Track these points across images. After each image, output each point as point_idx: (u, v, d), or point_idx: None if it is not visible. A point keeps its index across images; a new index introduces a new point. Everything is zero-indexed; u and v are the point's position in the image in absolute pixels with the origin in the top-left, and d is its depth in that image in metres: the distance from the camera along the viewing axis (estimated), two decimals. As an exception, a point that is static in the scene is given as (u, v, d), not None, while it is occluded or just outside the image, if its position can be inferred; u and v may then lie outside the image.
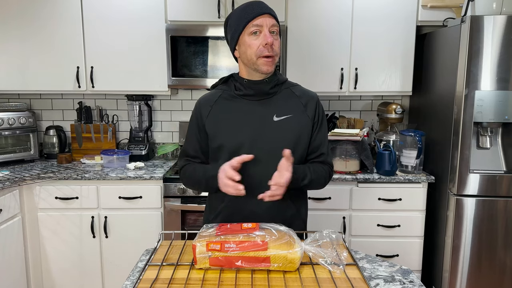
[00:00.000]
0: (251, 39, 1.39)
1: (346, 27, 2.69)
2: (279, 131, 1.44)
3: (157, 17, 2.68)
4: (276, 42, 1.41)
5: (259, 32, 1.38)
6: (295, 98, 1.50)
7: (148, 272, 1.19)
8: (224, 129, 1.46)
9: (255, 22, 1.38)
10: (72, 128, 2.97)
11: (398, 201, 2.55)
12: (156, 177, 2.52)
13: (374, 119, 3.12)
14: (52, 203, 2.55)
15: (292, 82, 1.56)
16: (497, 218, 2.34)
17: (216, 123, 1.47)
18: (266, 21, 1.38)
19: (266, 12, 1.38)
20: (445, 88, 2.47)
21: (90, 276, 2.64)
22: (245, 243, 1.16)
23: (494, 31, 2.20)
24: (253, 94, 1.46)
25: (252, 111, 1.46)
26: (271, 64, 1.41)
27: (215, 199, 1.53)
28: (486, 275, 2.39)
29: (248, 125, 1.44)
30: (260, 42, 1.38)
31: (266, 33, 1.37)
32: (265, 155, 1.41)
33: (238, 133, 1.44)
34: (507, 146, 2.39)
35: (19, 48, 2.71)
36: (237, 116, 1.46)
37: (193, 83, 2.68)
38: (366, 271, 1.25)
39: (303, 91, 1.54)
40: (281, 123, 1.45)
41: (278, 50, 1.42)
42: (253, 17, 1.38)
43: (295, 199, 1.51)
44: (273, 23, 1.40)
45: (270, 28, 1.39)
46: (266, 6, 1.41)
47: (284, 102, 1.48)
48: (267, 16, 1.38)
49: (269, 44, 1.37)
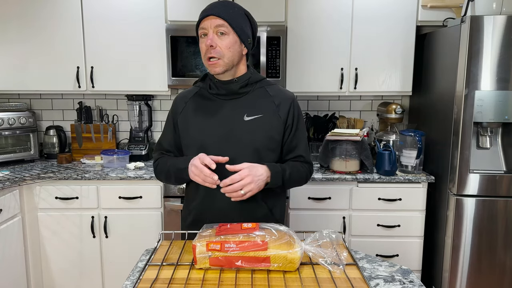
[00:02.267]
0: (200, 42, 1.43)
1: (346, 27, 2.69)
2: (249, 131, 1.43)
3: (157, 17, 2.68)
4: (222, 42, 1.38)
5: (206, 34, 1.40)
6: (268, 97, 1.48)
7: (148, 272, 1.19)
8: (194, 126, 1.48)
9: (201, 25, 1.40)
10: (72, 128, 2.98)
11: (398, 201, 2.55)
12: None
13: (374, 119, 3.12)
14: (52, 203, 2.55)
15: (269, 81, 1.54)
16: (497, 218, 2.34)
17: (187, 120, 1.49)
18: (209, 23, 1.37)
19: (210, 14, 1.37)
20: (445, 88, 2.47)
21: (90, 276, 2.64)
22: (245, 243, 1.16)
23: (494, 31, 2.20)
24: (224, 94, 1.47)
25: (223, 110, 1.46)
26: (217, 66, 1.40)
27: (189, 197, 1.57)
28: (486, 275, 2.39)
29: (218, 124, 1.45)
30: (204, 44, 1.39)
31: (209, 35, 1.38)
32: (234, 154, 1.40)
33: (207, 131, 1.45)
34: (507, 146, 2.39)
35: (19, 48, 2.71)
36: (208, 114, 1.47)
37: (193, 83, 2.68)
38: (366, 271, 1.25)
39: (278, 90, 1.51)
40: (252, 122, 1.44)
41: (224, 50, 1.38)
42: (200, 20, 1.41)
43: (268, 199, 1.49)
44: (217, 23, 1.37)
45: (215, 29, 1.37)
46: (216, 7, 1.39)
47: (255, 101, 1.47)
48: (211, 18, 1.37)
49: (208, 45, 1.37)
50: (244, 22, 1.43)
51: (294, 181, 1.50)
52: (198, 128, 1.47)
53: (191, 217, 1.54)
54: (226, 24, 1.37)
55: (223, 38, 1.38)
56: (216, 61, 1.39)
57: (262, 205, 1.48)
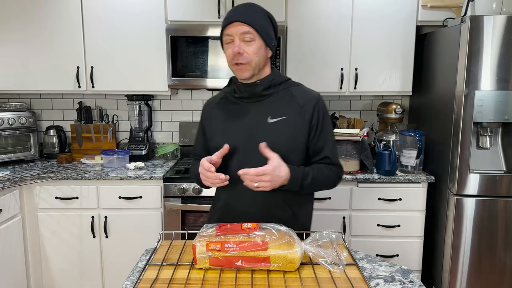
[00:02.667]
0: (226, 48, 1.44)
1: (346, 27, 2.69)
2: (273, 133, 1.43)
3: (157, 17, 2.68)
4: (250, 49, 1.39)
5: (231, 41, 1.41)
6: (292, 99, 1.47)
7: (148, 272, 1.19)
8: (220, 131, 1.50)
9: (226, 32, 1.41)
10: (72, 128, 2.98)
11: (398, 201, 2.55)
12: (156, 177, 2.52)
13: (374, 119, 3.12)
14: (52, 203, 2.55)
15: (294, 82, 1.53)
16: (497, 218, 2.34)
17: (213, 125, 1.53)
18: (235, 30, 1.38)
19: (235, 20, 1.38)
20: (445, 88, 2.47)
21: (90, 276, 2.64)
22: (245, 243, 1.16)
23: (494, 31, 2.20)
24: (248, 97, 1.48)
25: (247, 113, 1.47)
26: (244, 70, 1.41)
27: (215, 198, 1.58)
28: (486, 275, 2.39)
29: (243, 127, 1.46)
30: (231, 51, 1.40)
31: (236, 43, 1.39)
32: (259, 157, 1.39)
33: (232, 135, 1.46)
34: (507, 146, 2.39)
35: (19, 48, 2.71)
36: (232, 118, 1.48)
37: (193, 83, 2.68)
38: (366, 271, 1.25)
39: (303, 91, 1.50)
40: (276, 124, 1.43)
41: (252, 56, 1.39)
42: (224, 26, 1.41)
43: (291, 203, 1.48)
44: (243, 30, 1.38)
45: (241, 36, 1.38)
46: (240, 13, 1.39)
47: (279, 103, 1.46)
48: (237, 24, 1.38)
49: (235, 53, 1.38)
50: (268, 25, 1.44)
51: (319, 185, 1.45)
52: (223, 132, 1.49)
53: (217, 217, 1.55)
54: (252, 31, 1.38)
55: (250, 44, 1.40)
56: (244, 66, 1.41)
57: (285, 208, 1.47)
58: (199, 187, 2.49)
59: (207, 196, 2.51)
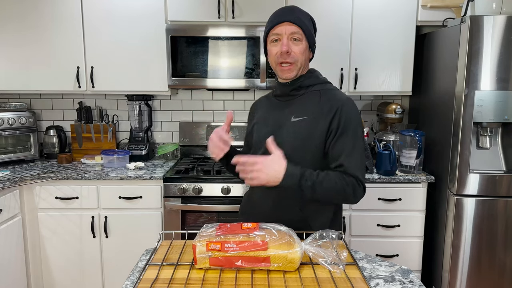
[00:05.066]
0: (271, 47, 1.47)
1: (346, 27, 2.69)
2: (292, 131, 1.46)
3: (157, 17, 2.68)
4: (297, 48, 1.43)
5: (279, 40, 1.44)
6: (318, 101, 1.46)
7: (148, 272, 1.19)
8: (256, 125, 1.58)
9: (275, 31, 1.44)
10: (72, 128, 2.98)
11: (398, 201, 2.55)
12: (156, 177, 2.52)
13: (374, 119, 3.12)
14: (52, 203, 2.55)
15: (330, 86, 1.52)
16: (497, 218, 2.34)
17: (254, 120, 1.61)
18: (284, 29, 1.42)
19: (285, 20, 1.42)
20: (445, 88, 2.47)
21: (90, 276, 2.64)
22: (245, 243, 1.16)
23: (494, 31, 2.20)
24: (280, 95, 1.55)
25: (277, 110, 1.54)
26: (290, 71, 1.45)
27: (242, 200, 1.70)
28: (486, 275, 2.39)
29: (270, 123, 1.53)
30: (278, 50, 1.43)
31: (284, 41, 1.42)
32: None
33: (262, 129, 1.53)
34: (507, 146, 2.39)
35: (19, 48, 2.71)
36: (266, 114, 1.56)
37: (193, 83, 2.68)
38: (366, 271, 1.25)
39: (332, 95, 1.47)
40: (297, 124, 1.46)
41: (298, 56, 1.43)
42: (272, 26, 1.44)
43: (304, 208, 1.46)
44: (292, 30, 1.42)
45: (290, 36, 1.42)
46: (289, 13, 1.43)
47: (304, 104, 1.48)
48: (286, 24, 1.42)
49: (284, 52, 1.41)
50: (312, 28, 1.49)
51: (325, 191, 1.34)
52: (258, 127, 1.57)
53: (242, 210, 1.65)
54: (300, 31, 1.42)
55: (297, 44, 1.43)
56: (290, 66, 1.44)
57: (297, 212, 1.46)
58: (199, 187, 2.49)
59: (207, 196, 2.51)
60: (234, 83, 2.66)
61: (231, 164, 1.42)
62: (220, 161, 1.56)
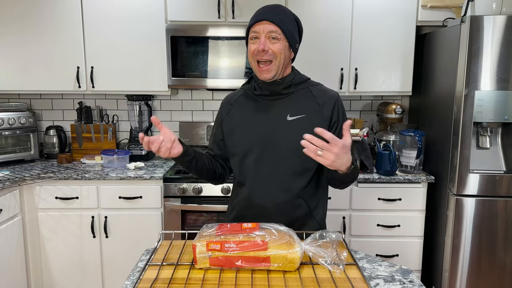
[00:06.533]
0: (250, 44, 1.46)
1: (346, 27, 2.69)
2: (291, 130, 1.45)
3: (157, 17, 2.68)
4: (274, 46, 1.41)
5: (257, 38, 1.43)
6: (312, 98, 1.49)
7: (148, 272, 1.19)
8: (239, 127, 1.52)
9: (254, 29, 1.44)
10: (72, 128, 2.98)
11: (398, 201, 2.55)
12: (156, 177, 2.52)
13: (374, 119, 3.12)
14: (52, 203, 2.55)
15: (314, 82, 1.55)
16: (497, 218, 2.34)
17: (232, 122, 1.54)
18: (263, 28, 1.41)
19: (264, 19, 1.41)
20: (445, 88, 2.47)
21: (90, 276, 2.64)
22: (245, 243, 1.16)
23: (494, 31, 2.20)
24: (268, 94, 1.50)
25: (266, 110, 1.49)
26: (267, 71, 1.43)
27: (233, 195, 1.62)
28: (486, 275, 2.39)
29: (262, 124, 1.48)
30: (255, 47, 1.42)
31: (261, 40, 1.41)
32: (277, 154, 1.44)
33: (252, 131, 1.49)
34: (507, 146, 2.39)
35: (19, 48, 2.71)
36: (252, 115, 1.51)
37: (193, 83, 2.69)
38: (366, 271, 1.25)
39: (322, 90, 1.52)
40: (294, 122, 1.45)
41: (277, 54, 1.41)
42: (252, 24, 1.44)
43: (309, 198, 1.49)
44: (270, 29, 1.40)
45: (268, 34, 1.41)
46: (269, 12, 1.42)
47: (299, 102, 1.48)
48: (265, 23, 1.41)
49: (260, 50, 1.40)
50: (294, 27, 1.47)
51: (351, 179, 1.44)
52: (243, 128, 1.51)
53: (234, 213, 1.58)
54: (279, 31, 1.41)
55: (275, 42, 1.42)
56: (267, 67, 1.42)
57: (303, 204, 1.48)
58: (199, 187, 2.49)
59: (207, 196, 2.51)
60: (234, 83, 2.66)
61: (195, 160, 1.45)
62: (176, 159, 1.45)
